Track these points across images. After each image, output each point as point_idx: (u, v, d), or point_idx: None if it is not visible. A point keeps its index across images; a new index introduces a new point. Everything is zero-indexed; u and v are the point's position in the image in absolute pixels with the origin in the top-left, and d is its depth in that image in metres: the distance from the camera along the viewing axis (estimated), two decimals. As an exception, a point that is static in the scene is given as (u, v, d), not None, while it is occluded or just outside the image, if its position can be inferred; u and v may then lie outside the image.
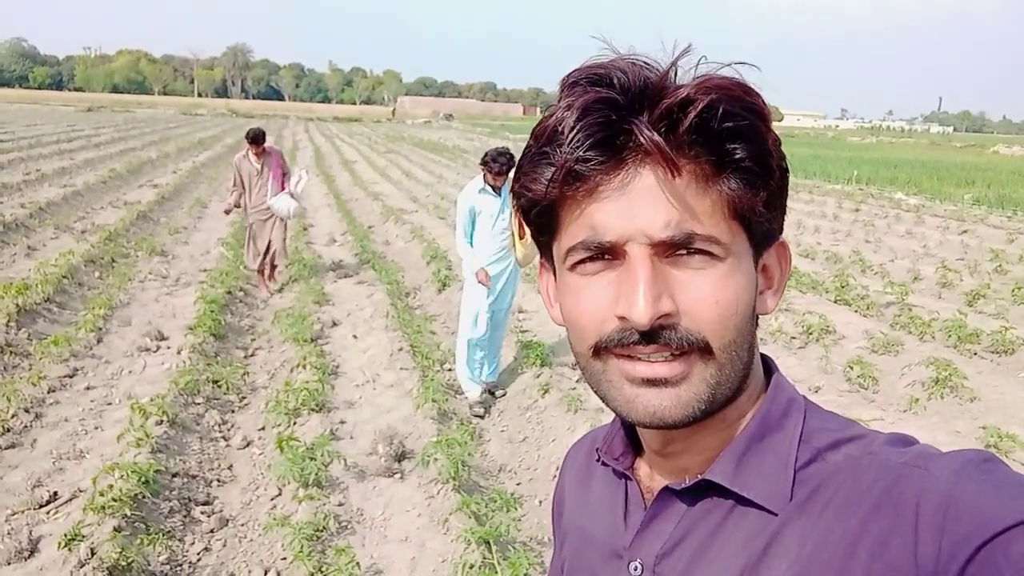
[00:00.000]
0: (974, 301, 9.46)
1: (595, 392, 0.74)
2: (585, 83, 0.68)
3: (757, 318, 0.74)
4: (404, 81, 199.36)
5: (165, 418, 5.09)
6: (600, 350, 0.70)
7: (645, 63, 0.68)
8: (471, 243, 5.88)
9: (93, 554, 3.60)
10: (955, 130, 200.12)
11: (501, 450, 5.38)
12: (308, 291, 8.68)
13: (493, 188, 5.75)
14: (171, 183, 17.93)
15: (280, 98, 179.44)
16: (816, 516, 0.68)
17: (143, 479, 4.17)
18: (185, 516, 4.28)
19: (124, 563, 3.57)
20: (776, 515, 0.70)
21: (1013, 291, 9.95)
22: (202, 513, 4.34)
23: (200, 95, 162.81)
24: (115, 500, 3.95)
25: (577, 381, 6.22)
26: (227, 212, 9.20)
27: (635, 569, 0.78)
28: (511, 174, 5.43)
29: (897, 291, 9.52)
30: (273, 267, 9.15)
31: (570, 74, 0.70)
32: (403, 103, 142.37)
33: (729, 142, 0.66)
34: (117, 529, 3.77)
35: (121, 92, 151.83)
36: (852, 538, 0.65)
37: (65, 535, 3.73)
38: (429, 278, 9.88)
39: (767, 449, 0.73)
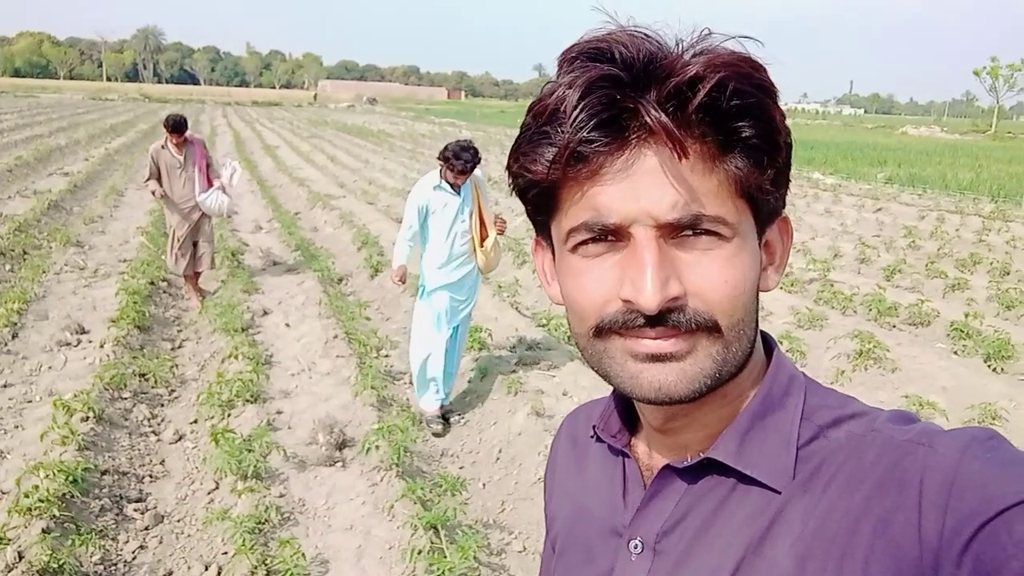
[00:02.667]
0: (891, 276, 9.86)
1: (596, 371, 0.73)
2: (585, 58, 0.65)
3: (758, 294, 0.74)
4: (325, 64, 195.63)
5: (91, 414, 4.88)
6: (602, 331, 0.69)
7: (645, 35, 0.66)
8: (423, 246, 5.22)
9: (21, 558, 3.43)
10: (866, 112, 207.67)
11: (442, 434, 5.35)
12: (236, 280, 8.44)
13: (451, 186, 5.11)
14: (83, 171, 17.14)
15: (195, 82, 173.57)
16: (819, 494, 0.68)
17: (71, 478, 3.99)
18: (118, 514, 4.12)
19: (55, 565, 3.41)
20: (779, 493, 0.70)
21: (927, 265, 10.41)
22: (135, 511, 4.19)
23: (110, 79, 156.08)
24: (42, 501, 3.77)
25: (516, 364, 6.23)
26: (161, 195, 7.69)
27: (635, 547, 0.77)
28: (477, 172, 5.17)
29: (819, 268, 9.85)
30: (197, 273, 8.07)
31: (569, 48, 0.67)
32: (325, 87, 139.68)
33: (737, 120, 0.64)
34: (46, 531, 3.60)
35: (23, 76, 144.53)
36: (856, 515, 0.64)
37: (-11, 540, 3.55)
38: (361, 264, 9.74)
39: (769, 427, 0.73)
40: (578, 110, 0.64)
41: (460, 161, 4.93)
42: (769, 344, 0.79)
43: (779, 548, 0.67)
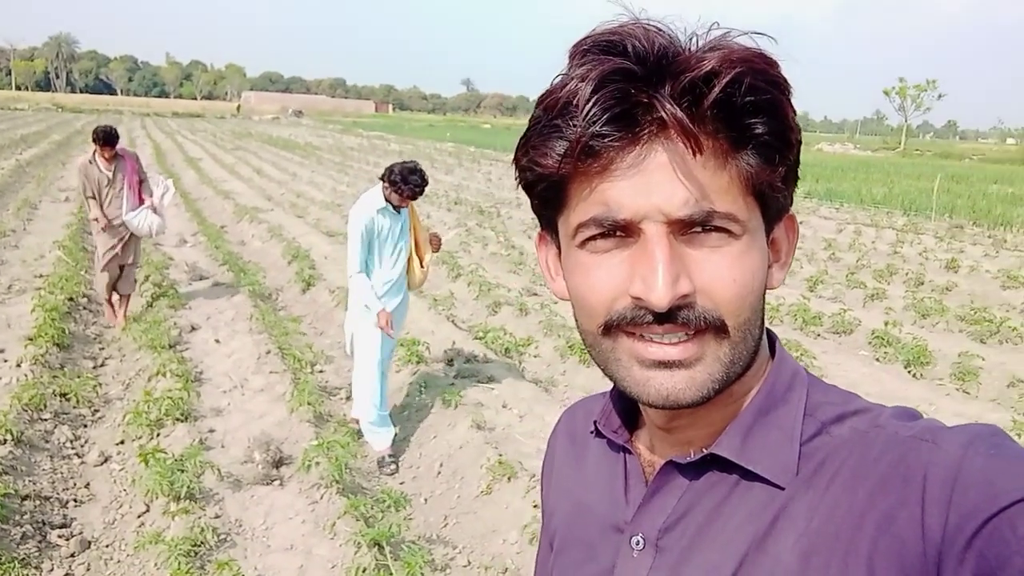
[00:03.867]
0: (814, 287, 10.19)
1: (603, 370, 0.72)
2: (598, 51, 0.65)
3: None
4: (248, 76, 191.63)
5: (9, 437, 4.64)
6: (610, 328, 0.68)
7: (658, 28, 0.65)
8: (368, 273, 4.84)
9: (-64, 591, 3.23)
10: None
11: (381, 450, 5.26)
12: (162, 295, 8.16)
13: (394, 207, 4.81)
14: (-7, 183, 16.38)
15: (112, 92, 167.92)
16: (823, 490, 0.68)
17: (-11, 505, 3.79)
18: (40, 541, 3.92)
19: (-26, 598, 3.22)
20: (782, 489, 0.70)
21: (847, 276, 10.81)
22: (60, 537, 3.99)
23: (19, 88, 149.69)
24: (-42, 530, 3.56)
25: (455, 377, 6.19)
26: (105, 224, 7.19)
27: (637, 543, 0.76)
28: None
29: (746, 279, 10.10)
30: (126, 297, 7.54)
31: (581, 41, 0.66)
32: (248, 98, 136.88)
33: (751, 117, 0.64)
34: (-37, 562, 3.40)
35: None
36: (859, 511, 0.64)
37: (-101, 573, 3.33)
38: (291, 278, 9.56)
39: (773, 423, 0.73)
40: (591, 104, 0.63)
41: (408, 186, 4.63)
42: (772, 341, 0.79)
43: (783, 544, 0.67)
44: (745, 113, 0.64)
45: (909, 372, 7.05)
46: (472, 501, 4.52)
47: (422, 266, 5.09)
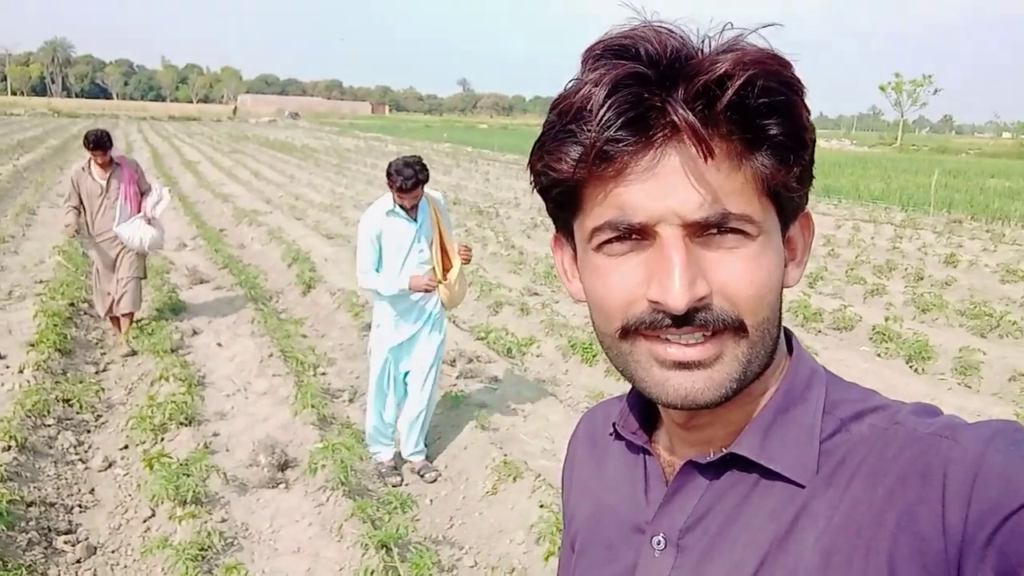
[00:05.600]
0: (815, 283, 10.20)
1: (621, 373, 0.72)
2: (611, 55, 0.65)
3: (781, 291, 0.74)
4: (244, 79, 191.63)
5: (13, 443, 4.64)
6: (628, 331, 0.68)
7: (669, 31, 0.65)
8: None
9: (-56, 599, 3.23)
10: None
11: (386, 452, 5.26)
12: (162, 299, 8.15)
13: (405, 210, 4.51)
14: (-9, 188, 16.37)
15: (108, 96, 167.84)
16: (843, 487, 0.68)
17: (-5, 511, 3.78)
18: (47, 548, 3.91)
19: (-18, 605, 3.22)
20: (803, 487, 0.70)
21: (847, 272, 10.83)
22: (66, 543, 3.98)
23: (15, 93, 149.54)
24: (-35, 537, 3.56)
25: (457, 378, 6.19)
26: (72, 233, 6.84)
27: (658, 543, 0.76)
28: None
29: (747, 276, 10.10)
30: (128, 314, 6.94)
31: (593, 45, 0.66)
32: (244, 101, 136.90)
33: (765, 118, 0.64)
34: (-30, 569, 3.40)
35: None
36: (879, 509, 0.65)
37: (-93, 581, 3.33)
38: (292, 281, 9.56)
39: (792, 421, 0.73)
40: (605, 108, 0.63)
41: (401, 177, 4.32)
42: (789, 339, 0.79)
43: (804, 543, 0.68)
44: (759, 115, 0.64)
45: (911, 367, 7.06)
46: (478, 502, 4.52)
47: (444, 279, 4.67)
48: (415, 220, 4.57)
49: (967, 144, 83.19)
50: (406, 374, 4.80)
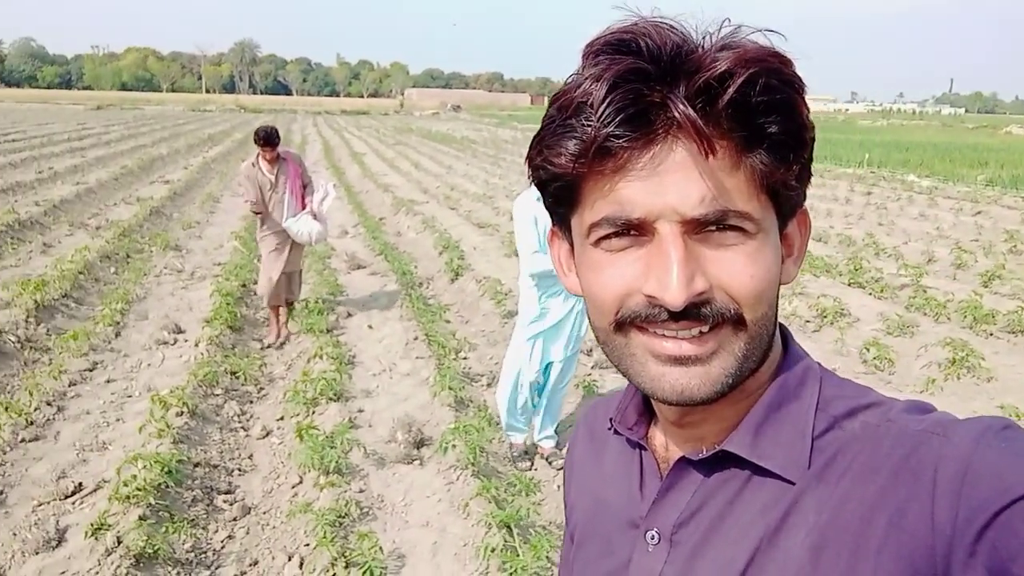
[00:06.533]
0: (989, 282, 9.40)
1: (616, 367, 0.73)
2: (611, 50, 0.65)
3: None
4: (411, 73, 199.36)
5: (185, 409, 5.14)
6: (623, 324, 0.69)
7: (670, 27, 0.65)
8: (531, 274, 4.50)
9: (119, 542, 3.65)
10: (967, 111, 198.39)
11: (518, 436, 5.40)
12: (322, 283, 8.71)
13: None
14: (182, 179, 18.01)
15: (288, 93, 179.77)
16: (834, 484, 0.68)
17: (166, 469, 4.22)
18: (208, 505, 4.33)
19: (150, 551, 3.62)
20: (794, 484, 0.70)
21: (1029, 271, 9.88)
22: (224, 502, 4.39)
23: (208, 91, 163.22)
24: (139, 490, 4.00)
25: (592, 367, 6.23)
26: (260, 210, 6.92)
27: (652, 538, 0.78)
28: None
29: (911, 273, 9.48)
30: (289, 304, 7.29)
31: (594, 40, 0.67)
32: (410, 95, 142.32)
33: (764, 116, 0.64)
34: (142, 518, 3.82)
35: (129, 90, 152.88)
36: (870, 506, 0.64)
37: (91, 524, 3.79)
38: (441, 268, 9.91)
39: (784, 418, 0.73)
40: (605, 104, 0.63)
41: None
42: (785, 335, 0.79)
43: (793, 539, 0.68)
44: (760, 112, 0.64)
45: (1096, 377, 6.39)
46: (603, 490, 4.55)
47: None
48: None
49: None
50: (547, 363, 4.82)
